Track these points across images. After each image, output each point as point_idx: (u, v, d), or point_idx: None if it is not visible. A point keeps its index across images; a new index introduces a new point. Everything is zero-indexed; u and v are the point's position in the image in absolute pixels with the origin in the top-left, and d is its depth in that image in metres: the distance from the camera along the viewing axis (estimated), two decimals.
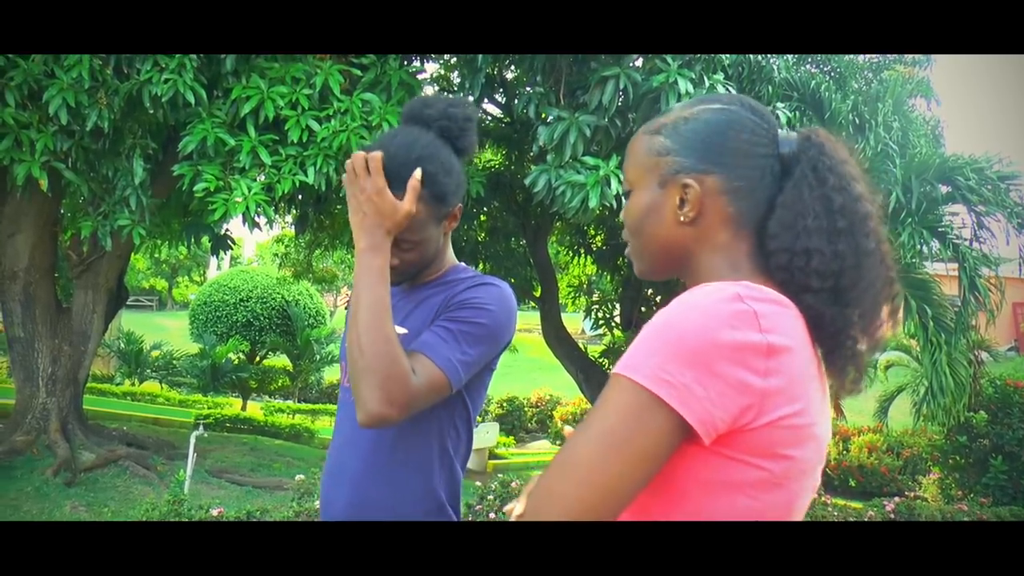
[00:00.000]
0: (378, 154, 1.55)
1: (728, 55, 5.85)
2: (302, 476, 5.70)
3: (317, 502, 5.20)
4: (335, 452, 1.74)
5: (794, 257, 1.07)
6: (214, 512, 5.04)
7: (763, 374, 0.96)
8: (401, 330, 1.58)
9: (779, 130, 1.17)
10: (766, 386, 0.97)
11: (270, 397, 18.19)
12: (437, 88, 8.89)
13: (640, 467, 0.96)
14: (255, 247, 41.06)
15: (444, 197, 1.63)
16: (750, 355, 0.96)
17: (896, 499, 8.28)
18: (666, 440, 0.96)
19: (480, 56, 5.58)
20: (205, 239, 9.17)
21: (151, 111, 5.59)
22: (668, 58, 5.34)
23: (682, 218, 1.14)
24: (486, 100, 8.55)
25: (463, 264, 1.77)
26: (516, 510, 1.15)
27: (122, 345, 17.04)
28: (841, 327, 1.07)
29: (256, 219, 5.82)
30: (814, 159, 1.11)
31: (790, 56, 7.60)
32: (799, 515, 1.07)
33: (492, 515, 5.73)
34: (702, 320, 0.97)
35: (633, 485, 0.97)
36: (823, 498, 7.90)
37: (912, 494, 10.00)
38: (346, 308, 1.80)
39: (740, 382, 0.95)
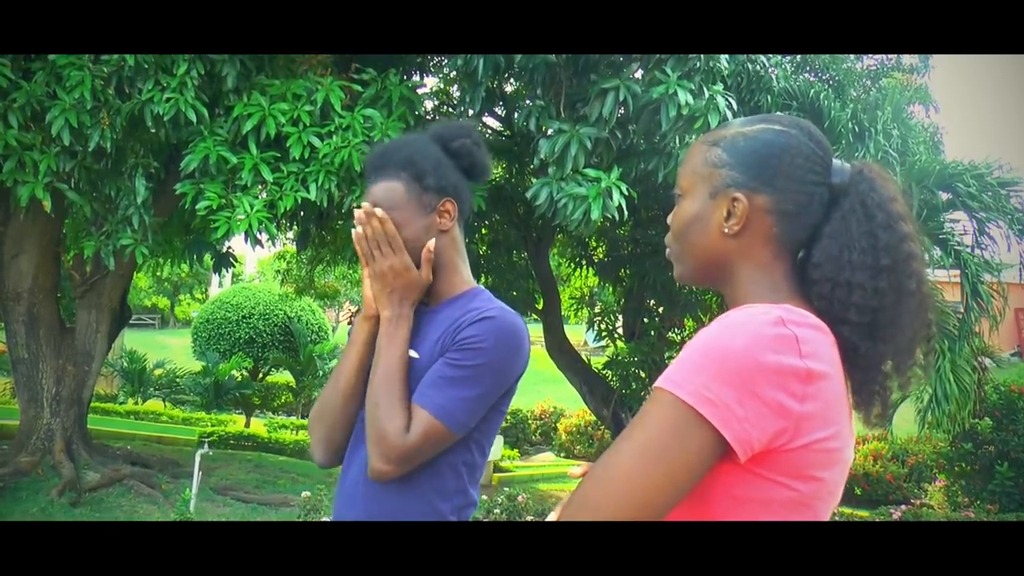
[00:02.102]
0: (396, 236, 1.66)
1: (727, 66, 5.86)
2: (308, 493, 5.69)
3: (324, 518, 5.19)
4: (348, 469, 1.74)
5: (836, 288, 1.10)
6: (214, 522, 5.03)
7: (801, 398, 0.99)
8: (412, 354, 1.65)
9: (834, 159, 1.18)
10: (803, 410, 0.99)
11: (273, 414, 18.13)
12: (437, 102, 8.91)
13: (677, 481, 0.99)
14: (256, 264, 41.08)
15: (422, 177, 1.69)
16: (790, 379, 0.99)
17: (902, 507, 8.28)
18: (704, 456, 0.99)
19: (480, 69, 5.59)
20: (207, 257, 9.19)
21: (153, 130, 5.61)
22: (668, 69, 5.36)
23: (726, 230, 1.16)
24: (486, 114, 8.58)
25: (480, 287, 1.77)
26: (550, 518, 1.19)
27: (125, 364, 17.01)
28: (873, 363, 1.10)
29: (258, 236, 5.83)
30: (864, 193, 1.13)
31: (788, 65, 7.63)
32: None
33: None
34: (747, 342, 0.99)
35: (669, 499, 0.99)
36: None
37: (918, 502, 9.96)
38: (348, 324, 1.87)
39: (779, 405, 0.98)
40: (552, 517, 1.17)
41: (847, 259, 1.09)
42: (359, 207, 1.69)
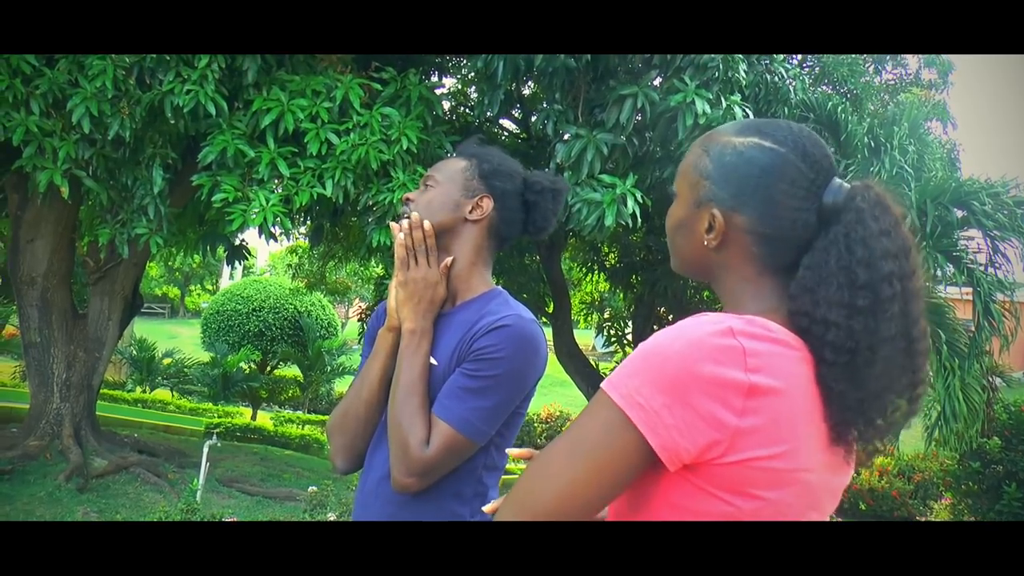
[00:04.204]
0: (435, 249, 1.71)
1: (745, 76, 5.86)
2: (314, 488, 5.72)
3: (330, 514, 5.21)
4: (368, 471, 1.75)
5: (813, 324, 1.03)
6: (227, 521, 5.06)
7: (739, 412, 0.96)
8: (431, 361, 1.67)
9: (834, 178, 1.12)
10: (740, 425, 0.96)
11: (280, 407, 18.21)
12: (455, 103, 8.93)
13: (602, 478, 1.00)
14: (268, 257, 41.21)
15: (480, 166, 1.78)
16: (728, 392, 0.96)
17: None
18: (630, 459, 0.99)
19: (499, 72, 5.61)
20: (220, 249, 9.23)
21: (172, 121, 5.64)
22: (686, 78, 5.37)
23: (706, 243, 1.14)
24: (504, 116, 8.60)
25: (498, 288, 1.78)
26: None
27: (134, 352, 17.10)
28: (849, 406, 1.03)
29: (272, 230, 5.86)
30: (850, 225, 1.06)
31: (807, 77, 7.62)
32: None
33: None
34: (686, 350, 0.97)
35: (596, 496, 1.01)
36: (834, 520, 7.87)
37: (923, 519, 9.91)
38: (359, 320, 1.87)
39: (712, 416, 0.95)
40: (494, 504, 1.26)
41: (823, 295, 1.03)
42: (406, 216, 1.72)
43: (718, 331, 0.98)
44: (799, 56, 8.05)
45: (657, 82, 5.89)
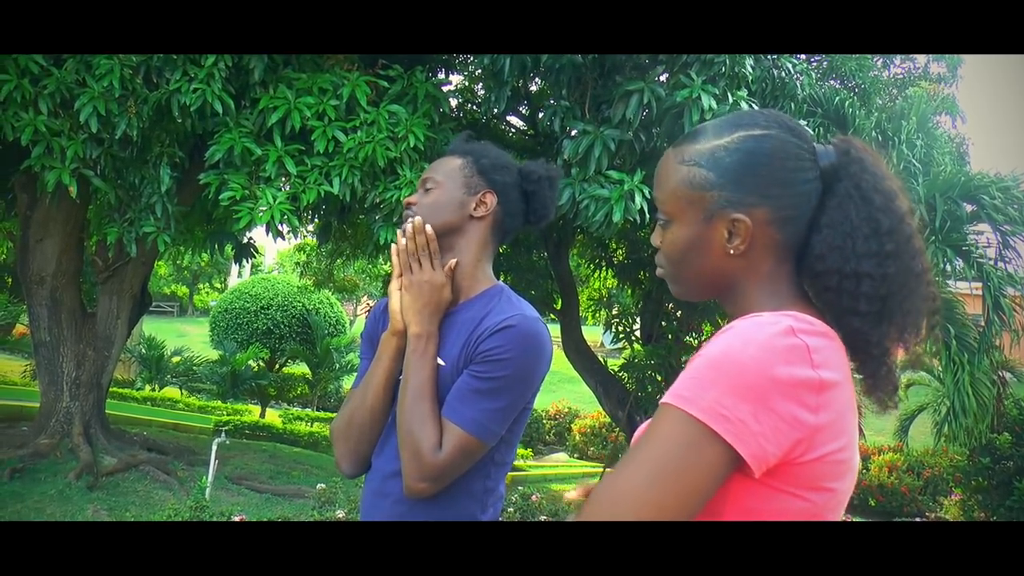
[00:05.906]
0: (438, 252, 1.71)
1: (752, 72, 5.84)
2: (323, 485, 5.72)
3: (339, 511, 5.22)
4: (376, 471, 1.75)
5: (844, 280, 1.06)
6: (236, 519, 5.07)
7: (814, 410, 0.97)
8: (439, 362, 1.67)
9: (815, 144, 1.14)
10: (817, 422, 0.98)
11: (289, 405, 18.25)
12: (462, 100, 8.91)
13: (690, 500, 0.96)
14: (276, 255, 41.25)
15: (479, 162, 1.78)
16: (804, 391, 0.97)
17: (917, 520, 8.21)
18: (718, 473, 0.97)
19: (506, 69, 5.60)
20: (228, 247, 9.23)
21: (179, 120, 5.66)
22: (692, 73, 5.35)
23: (732, 251, 1.11)
24: (511, 113, 8.59)
25: (500, 284, 1.77)
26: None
27: (143, 350, 17.11)
28: (886, 348, 1.07)
29: (280, 228, 5.87)
30: (857, 176, 1.10)
31: (814, 72, 7.59)
32: None
33: None
34: (759, 354, 0.97)
35: (686, 517, 0.97)
36: (844, 517, 7.86)
37: (933, 515, 9.89)
38: (366, 316, 1.87)
39: (793, 418, 0.96)
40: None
41: (852, 249, 1.06)
42: (409, 221, 1.72)
43: (780, 331, 0.99)
44: None
45: (663, 78, 5.87)
